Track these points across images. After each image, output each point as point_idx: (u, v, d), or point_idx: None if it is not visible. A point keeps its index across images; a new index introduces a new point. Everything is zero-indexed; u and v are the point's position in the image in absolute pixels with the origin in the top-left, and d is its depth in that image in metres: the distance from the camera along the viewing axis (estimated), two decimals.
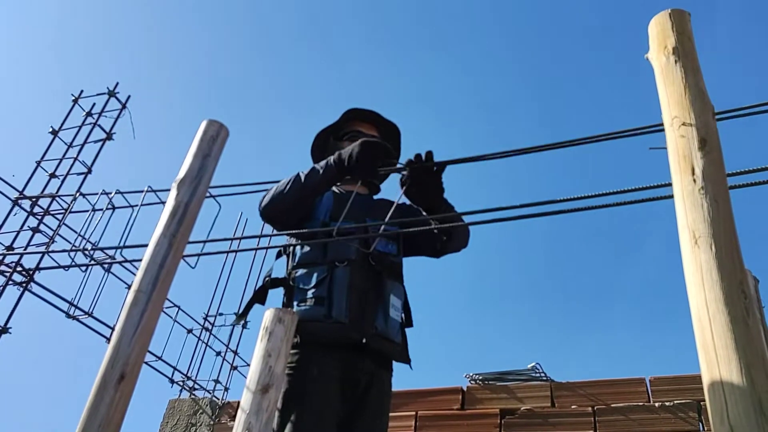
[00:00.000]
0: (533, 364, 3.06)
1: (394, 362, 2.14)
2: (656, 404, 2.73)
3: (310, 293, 2.06)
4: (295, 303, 2.07)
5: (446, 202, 2.16)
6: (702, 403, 2.61)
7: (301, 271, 2.11)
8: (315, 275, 2.07)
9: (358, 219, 2.16)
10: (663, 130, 1.24)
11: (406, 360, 2.15)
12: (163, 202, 2.00)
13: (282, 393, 1.91)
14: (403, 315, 2.21)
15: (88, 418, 1.18)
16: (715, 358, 0.82)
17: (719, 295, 0.86)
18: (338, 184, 2.33)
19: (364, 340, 2.00)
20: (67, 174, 3.75)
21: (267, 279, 2.20)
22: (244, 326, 4.25)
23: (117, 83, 4.04)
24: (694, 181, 1.02)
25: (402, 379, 2.15)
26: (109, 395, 1.20)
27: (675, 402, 2.69)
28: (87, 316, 3.46)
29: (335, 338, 1.99)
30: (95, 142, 3.79)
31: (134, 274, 2.56)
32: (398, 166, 2.09)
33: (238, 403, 1.63)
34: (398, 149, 2.51)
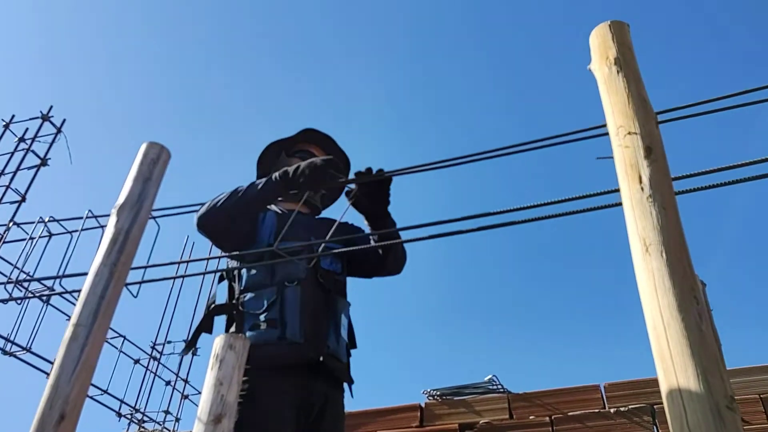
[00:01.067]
0: (490, 376, 3.07)
1: (342, 383, 2.11)
2: (611, 410, 2.77)
3: (262, 317, 2.01)
4: (246, 328, 2.01)
5: (390, 217, 2.17)
6: (656, 406, 2.66)
7: (249, 295, 2.06)
8: (265, 298, 2.03)
9: (303, 238, 2.14)
10: (606, 134, 1.27)
11: (350, 381, 2.13)
12: (105, 227, 1.92)
13: (234, 422, 1.85)
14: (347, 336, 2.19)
15: None
16: (672, 366, 0.82)
17: (673, 302, 0.87)
18: (279, 201, 2.30)
19: (321, 359, 1.97)
20: None
21: (212, 306, 2.14)
22: (194, 353, 4.13)
23: (51, 107, 3.89)
24: (642, 189, 1.03)
25: (359, 398, 2.13)
26: None
27: (630, 407, 2.73)
28: (25, 351, 3.29)
29: (291, 359, 1.95)
30: (29, 168, 3.63)
31: (74, 305, 2.43)
32: (349, 177, 2.09)
33: None
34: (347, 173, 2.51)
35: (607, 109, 1.22)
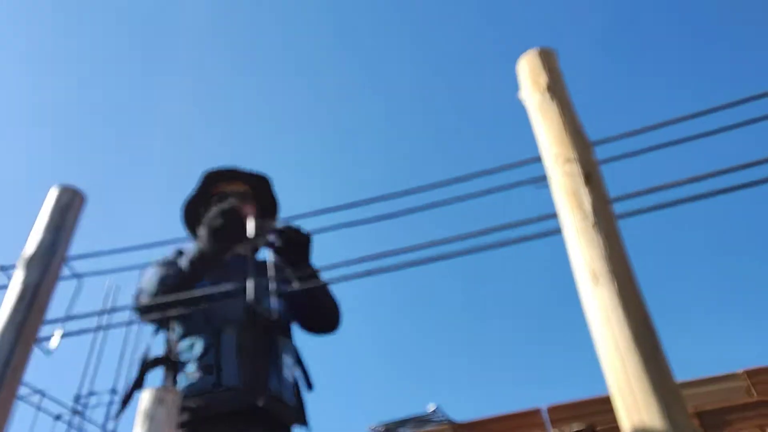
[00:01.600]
0: (433, 406, 3.01)
1: (289, 427, 2.00)
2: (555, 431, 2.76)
3: (195, 364, 1.89)
4: (182, 377, 1.89)
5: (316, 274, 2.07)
6: (597, 427, 2.67)
7: (184, 343, 1.94)
8: (200, 344, 1.91)
9: (238, 280, 2.03)
10: (537, 161, 1.25)
11: (303, 421, 2.02)
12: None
13: None
14: (297, 375, 2.09)
15: None
16: (633, 402, 0.78)
17: (628, 334, 0.84)
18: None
19: (260, 404, 1.85)
20: None
21: (146, 362, 1.99)
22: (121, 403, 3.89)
23: None
24: (585, 216, 1.01)
25: None
26: None
27: (573, 429, 2.73)
28: None
29: (228, 407, 1.83)
30: None
31: None
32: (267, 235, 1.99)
33: None
34: (273, 199, 2.42)
35: (540, 136, 1.20)
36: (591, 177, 1.06)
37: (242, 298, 1.99)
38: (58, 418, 4.02)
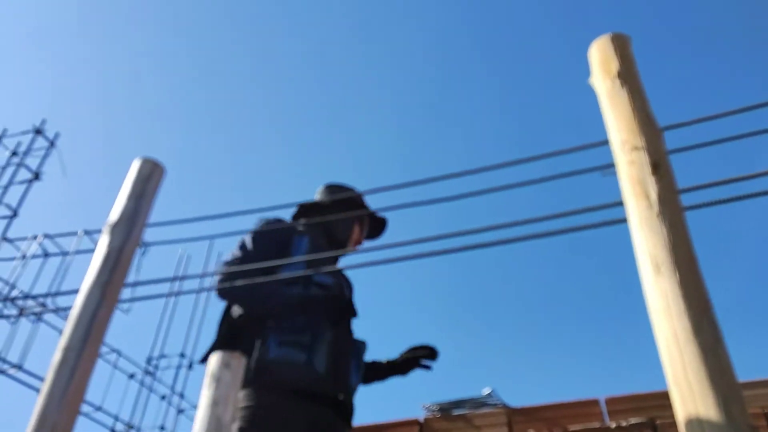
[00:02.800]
0: (488, 390, 3.02)
1: (350, 422, 2.10)
2: (612, 425, 2.72)
3: (291, 336, 1.98)
4: (272, 343, 1.97)
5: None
6: (657, 421, 2.62)
7: (283, 314, 2.03)
8: (297, 321, 2.01)
9: (335, 275, 2.18)
10: (604, 144, 1.23)
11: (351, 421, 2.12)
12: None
13: None
14: None
15: None
16: (689, 393, 0.78)
17: (688, 325, 0.83)
18: (311, 234, 2.31)
19: (341, 397, 1.99)
20: None
21: (228, 321, 2.09)
22: (190, 367, 4.08)
23: (44, 120, 3.85)
24: (650, 206, 0.99)
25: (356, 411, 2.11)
26: None
27: (631, 422, 2.69)
28: (17, 369, 3.22)
29: (314, 389, 1.93)
30: (21, 182, 3.58)
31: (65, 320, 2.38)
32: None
33: None
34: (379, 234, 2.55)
35: (609, 123, 1.18)
36: (659, 166, 1.04)
37: (339, 295, 2.13)
38: (131, 377, 4.24)
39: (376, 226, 2.54)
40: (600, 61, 1.28)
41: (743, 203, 1.11)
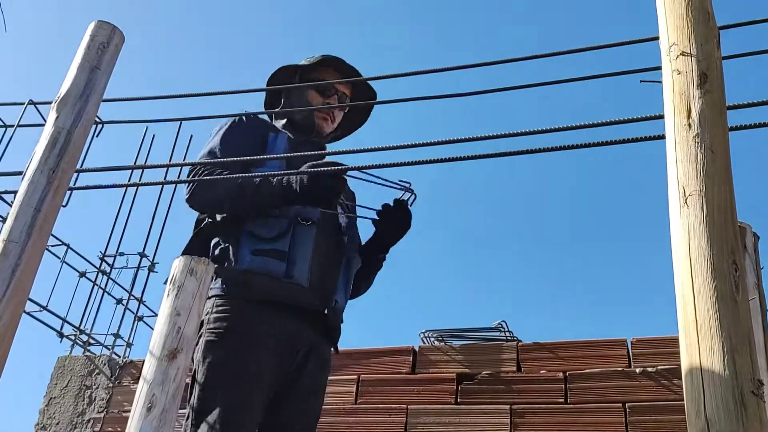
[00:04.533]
0: (498, 322, 3.16)
1: (335, 344, 2.22)
2: (637, 369, 2.88)
3: (267, 245, 2.08)
4: (246, 252, 2.08)
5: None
6: None
7: (257, 219, 2.11)
8: (275, 227, 2.10)
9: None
10: (655, 39, 1.25)
11: (336, 343, 2.23)
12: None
13: (206, 362, 1.94)
14: None
15: None
16: (696, 341, 0.86)
17: (706, 266, 0.90)
18: (289, 128, 2.40)
19: (325, 311, 2.10)
20: None
21: (204, 222, 2.19)
22: (150, 269, 4.23)
23: None
24: (689, 125, 1.04)
25: (342, 337, 2.23)
26: None
27: (658, 367, 2.84)
28: None
29: (292, 300, 2.05)
30: None
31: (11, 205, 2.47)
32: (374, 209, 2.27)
33: (143, 362, 1.65)
34: (366, 118, 2.58)
35: (661, 20, 1.20)
36: (707, 78, 1.08)
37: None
38: (83, 275, 4.39)
39: (358, 96, 2.53)
40: None
41: None
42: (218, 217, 2.18)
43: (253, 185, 2.08)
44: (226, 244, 2.12)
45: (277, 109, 2.44)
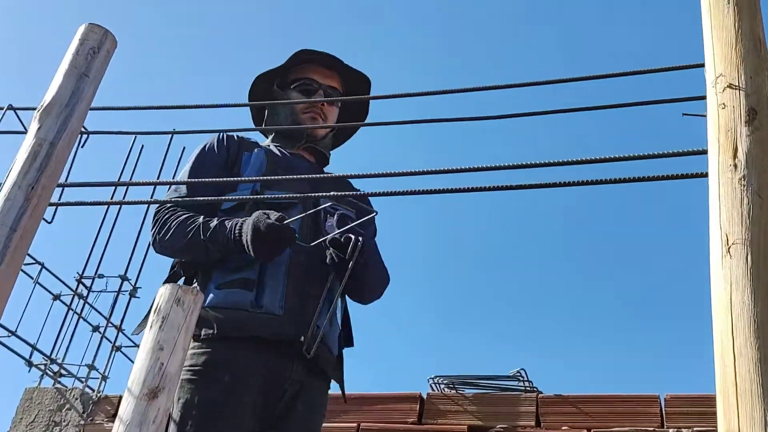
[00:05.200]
0: (517, 370, 3.15)
1: (328, 377, 2.20)
2: (670, 430, 2.86)
3: (234, 275, 2.09)
4: (211, 286, 2.10)
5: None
6: None
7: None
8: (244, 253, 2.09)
9: (301, 190, 2.20)
10: (699, 66, 1.26)
11: (340, 381, 2.21)
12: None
13: (180, 403, 1.95)
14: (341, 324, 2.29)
15: None
16: (735, 406, 0.86)
17: (749, 325, 0.90)
18: (275, 143, 2.41)
19: (302, 339, 2.05)
20: None
21: (175, 265, 2.21)
22: (132, 294, 4.24)
23: None
24: (735, 166, 1.05)
25: (345, 380, 2.22)
26: None
27: (694, 429, 2.82)
28: None
29: (264, 333, 2.04)
30: None
31: None
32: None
33: (120, 398, 1.66)
34: (366, 109, 2.59)
35: (707, 48, 1.22)
36: (756, 114, 1.09)
37: (298, 210, 2.17)
38: (57, 298, 4.39)
39: (350, 88, 2.53)
40: None
41: None
42: None
43: (199, 242, 2.08)
44: (198, 279, 2.16)
45: (263, 126, 2.49)
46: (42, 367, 3.89)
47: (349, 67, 2.50)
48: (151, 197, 2.22)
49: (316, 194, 2.10)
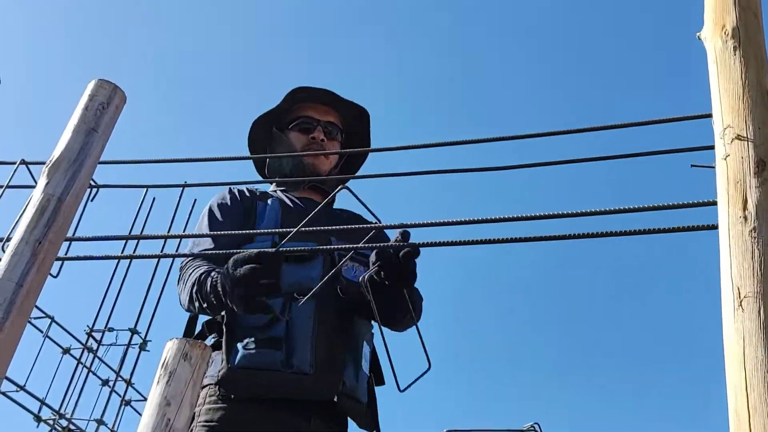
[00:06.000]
0: (531, 424, 3.10)
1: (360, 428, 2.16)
2: None
3: (260, 334, 2.05)
4: (239, 346, 2.06)
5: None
6: None
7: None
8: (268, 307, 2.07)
9: (320, 238, 2.16)
10: (707, 116, 1.26)
11: (375, 427, 2.18)
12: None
13: None
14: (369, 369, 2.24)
15: None
16: None
17: (764, 380, 0.88)
18: (280, 188, 2.42)
19: (335, 399, 2.03)
20: None
21: (194, 319, 2.20)
22: (142, 348, 4.22)
23: None
24: (745, 218, 1.04)
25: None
26: None
27: None
28: None
29: (295, 394, 2.01)
30: None
31: None
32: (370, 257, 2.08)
33: None
34: (368, 138, 2.57)
35: (714, 98, 1.22)
36: (765, 165, 1.08)
37: (320, 262, 2.15)
38: (67, 351, 4.39)
39: (348, 119, 2.53)
40: (713, 10, 1.31)
41: None
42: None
43: (204, 293, 2.06)
44: (219, 336, 2.12)
45: (265, 171, 2.52)
46: (51, 422, 3.86)
47: (345, 100, 2.50)
48: (161, 251, 2.21)
49: (335, 247, 2.08)
